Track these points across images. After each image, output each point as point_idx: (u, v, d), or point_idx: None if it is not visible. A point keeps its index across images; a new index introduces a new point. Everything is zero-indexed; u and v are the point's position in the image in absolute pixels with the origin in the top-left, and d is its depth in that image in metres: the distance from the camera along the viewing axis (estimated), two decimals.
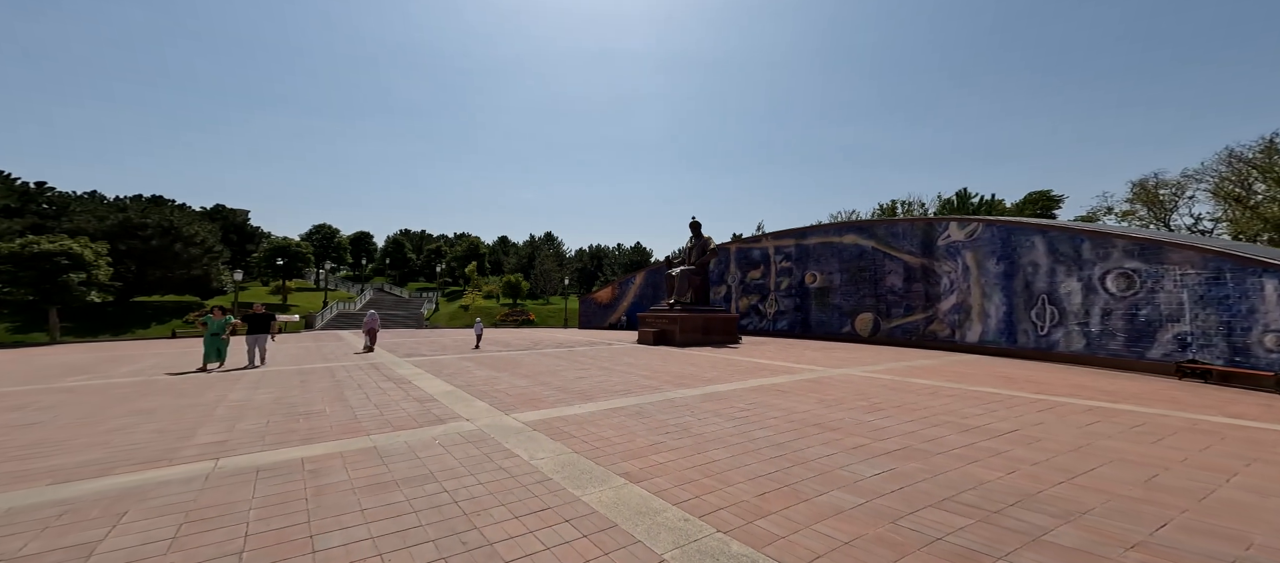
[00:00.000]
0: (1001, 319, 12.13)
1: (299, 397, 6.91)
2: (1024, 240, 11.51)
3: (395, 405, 6.34)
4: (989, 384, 7.75)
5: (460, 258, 66.22)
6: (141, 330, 26.29)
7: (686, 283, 17.04)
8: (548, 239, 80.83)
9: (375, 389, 7.53)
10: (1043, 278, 11.05)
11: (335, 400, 6.63)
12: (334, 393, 7.20)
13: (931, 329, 14.65)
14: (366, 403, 6.49)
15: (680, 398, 6.70)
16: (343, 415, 5.76)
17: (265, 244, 42.57)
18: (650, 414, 5.75)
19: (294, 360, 11.51)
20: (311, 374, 9.13)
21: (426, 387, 7.74)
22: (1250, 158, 32.95)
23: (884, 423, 5.16)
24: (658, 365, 10.25)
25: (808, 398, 6.57)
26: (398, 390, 7.44)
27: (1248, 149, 32.70)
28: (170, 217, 33.47)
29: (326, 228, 64.49)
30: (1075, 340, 10.25)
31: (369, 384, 7.99)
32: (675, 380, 8.21)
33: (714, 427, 5.10)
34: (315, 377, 8.83)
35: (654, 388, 7.53)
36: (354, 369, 9.80)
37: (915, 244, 15.41)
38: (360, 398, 6.83)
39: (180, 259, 31.93)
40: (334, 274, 70.22)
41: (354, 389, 7.51)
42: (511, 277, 49.64)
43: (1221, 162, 35.07)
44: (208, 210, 52.39)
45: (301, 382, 8.20)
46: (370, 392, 7.32)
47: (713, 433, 4.86)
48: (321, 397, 6.91)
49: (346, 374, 9.12)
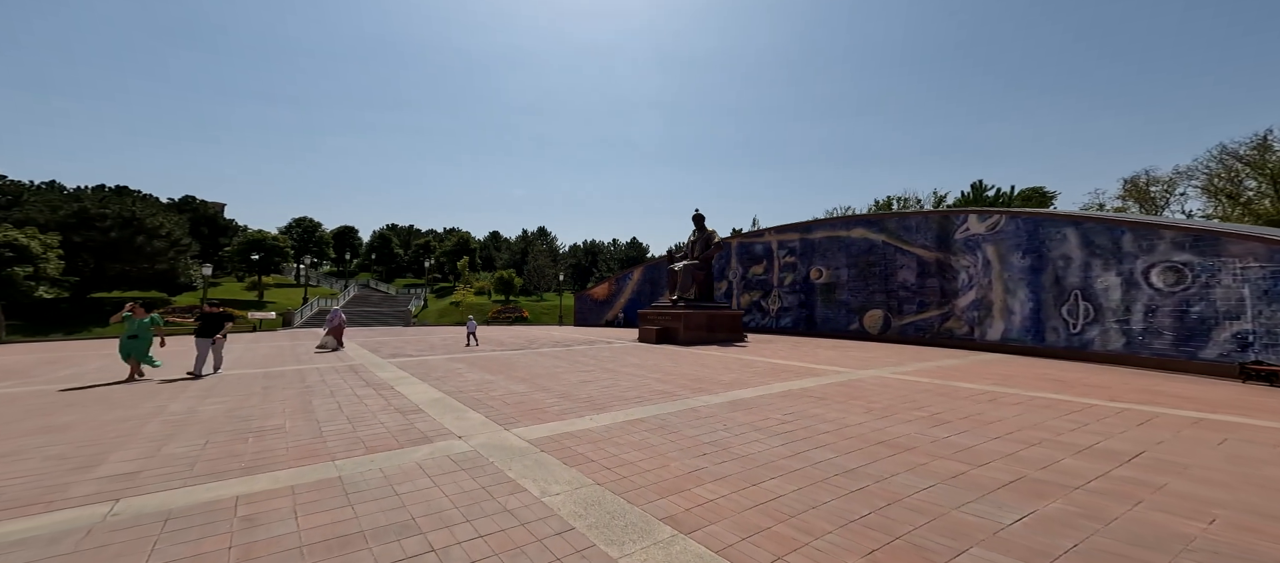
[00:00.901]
0: (1027, 316, 11.49)
1: (256, 407, 5.87)
2: (1054, 233, 10.87)
3: (371, 418, 5.35)
4: (1043, 388, 7.01)
5: (450, 253, 64.49)
6: (99, 329, 24.61)
7: (690, 278, 16.18)
8: (541, 234, 79.26)
9: (350, 397, 6.51)
10: (1076, 272, 10.42)
11: (299, 413, 5.61)
12: (299, 402, 6.17)
13: (947, 327, 14.01)
14: (337, 415, 5.48)
15: (704, 407, 5.82)
16: (305, 432, 4.76)
17: (239, 238, 40.43)
18: (676, 428, 4.86)
19: (262, 362, 10.37)
20: (278, 379, 8.05)
21: (411, 393, 6.75)
22: (1242, 155, 33.17)
23: (964, 441, 4.33)
24: (667, 367, 9.38)
25: (851, 407, 5.73)
26: (377, 399, 6.43)
27: (1240, 145, 32.92)
28: (132, 207, 31.28)
29: (307, 221, 62.17)
30: (1113, 339, 9.63)
31: (343, 391, 6.96)
32: (691, 385, 7.33)
33: (759, 446, 4.23)
34: (282, 382, 7.76)
35: (670, 394, 6.65)
36: (329, 373, 8.73)
37: (929, 238, 14.74)
38: (330, 409, 5.81)
39: (143, 253, 29.89)
40: (316, 270, 67.94)
41: (324, 397, 6.48)
42: (504, 273, 48.30)
43: (1213, 159, 35.30)
44: (176, 202, 49.87)
45: (264, 389, 7.12)
46: (344, 400, 6.30)
47: (761, 455, 3.99)
48: (283, 407, 5.88)
49: (319, 379, 8.06)
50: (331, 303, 39.97)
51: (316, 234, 61.86)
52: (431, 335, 18.41)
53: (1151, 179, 38.97)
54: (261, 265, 41.28)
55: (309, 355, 11.72)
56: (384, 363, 10.00)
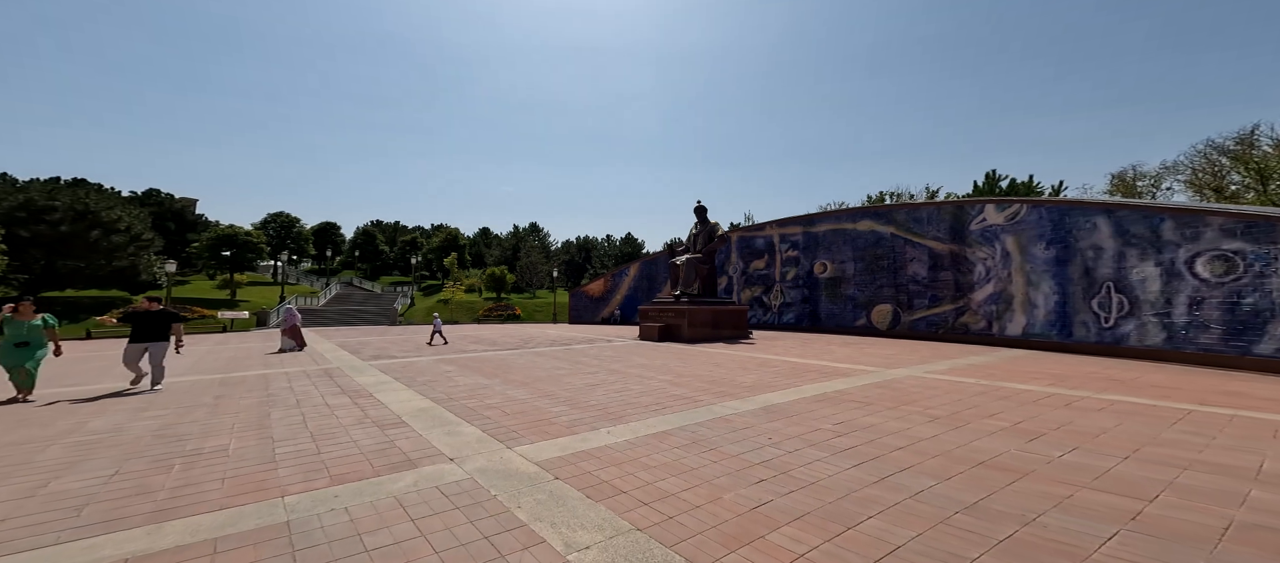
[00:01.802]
0: (1053, 310, 10.94)
1: (198, 423, 4.88)
2: (1083, 222, 10.31)
3: (342, 435, 4.42)
4: (1108, 389, 6.35)
5: (438, 250, 62.74)
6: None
7: (693, 273, 15.39)
8: (533, 230, 77.74)
9: (318, 408, 5.54)
10: (1108, 263, 9.87)
11: (251, 428, 4.64)
12: (255, 415, 5.19)
13: (963, 321, 13.45)
14: (299, 431, 4.54)
15: (735, 415, 5.01)
16: (253, 455, 3.82)
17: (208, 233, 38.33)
18: (713, 443, 4.04)
19: (224, 366, 9.28)
20: (236, 386, 7.01)
21: (392, 402, 5.81)
22: (1227, 149, 33.55)
23: (1088, 461, 3.53)
24: (677, 367, 8.56)
25: (907, 415, 4.97)
26: (351, 409, 5.48)
27: (1227, 140, 33.32)
28: (86, 200, 29.14)
29: (284, 217, 59.75)
30: (1152, 333, 9.10)
31: (312, 400, 5.99)
32: (711, 388, 6.52)
33: (826, 468, 3.42)
34: (240, 389, 6.73)
35: (690, 399, 5.83)
36: (298, 378, 7.71)
37: (942, 229, 14.16)
38: (292, 423, 4.86)
39: (99, 248, 27.86)
40: (295, 267, 65.61)
41: (287, 408, 5.50)
42: (495, 269, 47.00)
43: (1198, 154, 35.70)
44: (139, 195, 47.31)
45: (216, 398, 6.10)
46: (311, 411, 5.34)
47: (835, 481, 3.18)
48: (234, 422, 4.90)
49: (285, 385, 7.05)
50: (312, 301, 38.30)
51: (294, 230, 59.58)
52: (419, 335, 17.32)
53: (1139, 174, 39.41)
54: (234, 263, 39.27)
55: (280, 357, 10.63)
56: (364, 366, 8.99)
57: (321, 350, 11.87)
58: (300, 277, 59.76)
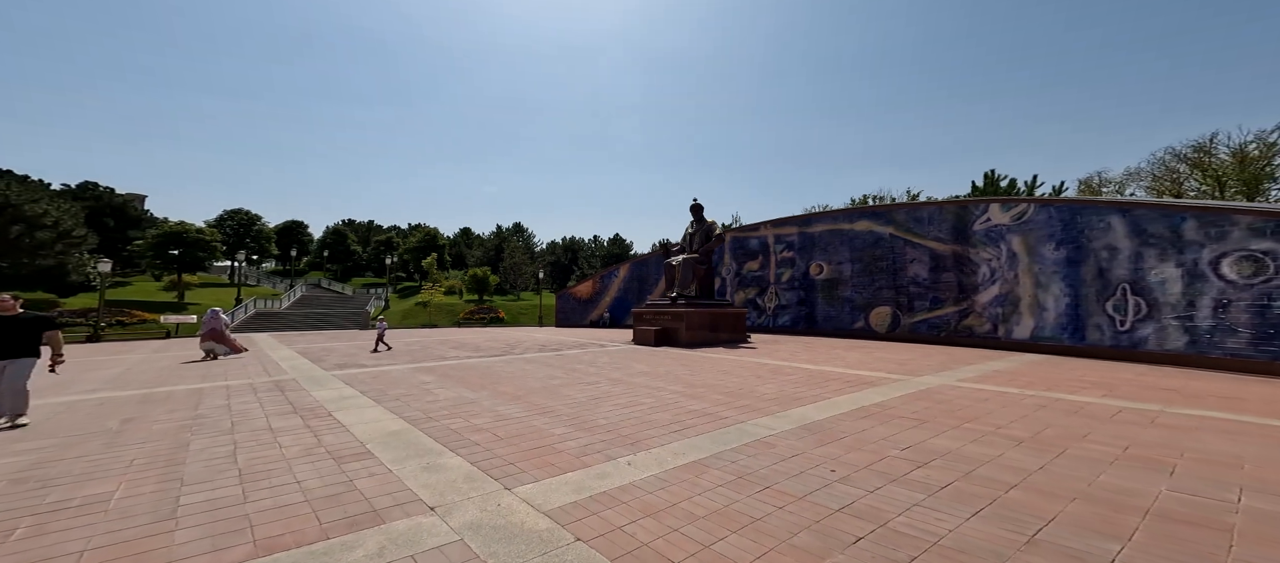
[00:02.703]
0: (1064, 312, 10.64)
1: (85, 460, 3.75)
2: (1096, 221, 10.04)
3: (281, 474, 3.40)
4: (1170, 400, 5.85)
5: (415, 250, 60.25)
6: None
7: (690, 274, 14.64)
8: (517, 230, 75.63)
9: (258, 434, 4.47)
10: (1124, 264, 9.59)
11: (155, 467, 3.56)
12: (168, 445, 4.09)
13: (966, 324, 13.11)
14: (223, 470, 3.49)
15: (774, 436, 4.23)
16: (144, 509, 2.78)
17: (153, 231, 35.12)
18: (766, 479, 3.23)
19: (153, 379, 7.95)
20: (158, 405, 5.81)
21: (356, 423, 4.77)
22: (1185, 156, 35.07)
23: (1270, 505, 2.88)
24: (684, 374, 7.75)
25: (984, 434, 4.28)
26: (302, 434, 4.43)
27: (1186, 147, 34.85)
28: (5, 191, 26.06)
29: (243, 214, 56.09)
30: (1173, 337, 8.81)
31: (251, 422, 4.89)
32: (732, 401, 5.73)
33: (939, 519, 2.64)
34: (161, 410, 5.54)
35: (714, 415, 5.02)
36: (241, 393, 6.53)
37: (944, 230, 13.84)
38: (216, 457, 3.79)
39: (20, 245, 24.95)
40: (256, 268, 61.86)
41: (215, 435, 4.41)
42: (477, 270, 45.23)
43: (1158, 161, 37.28)
44: (73, 189, 43.48)
45: (124, 423, 4.91)
46: (246, 438, 4.27)
47: (967, 541, 2.40)
48: (134, 457, 3.79)
49: (222, 403, 5.88)
50: (274, 303, 35.84)
51: (255, 228, 56.05)
52: (393, 340, 15.98)
53: (1104, 180, 41.01)
54: (183, 262, 36.22)
55: (222, 368, 9.30)
56: (325, 377, 7.82)
57: (277, 358, 10.54)
58: (262, 278, 56.19)
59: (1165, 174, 36.32)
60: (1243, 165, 32.58)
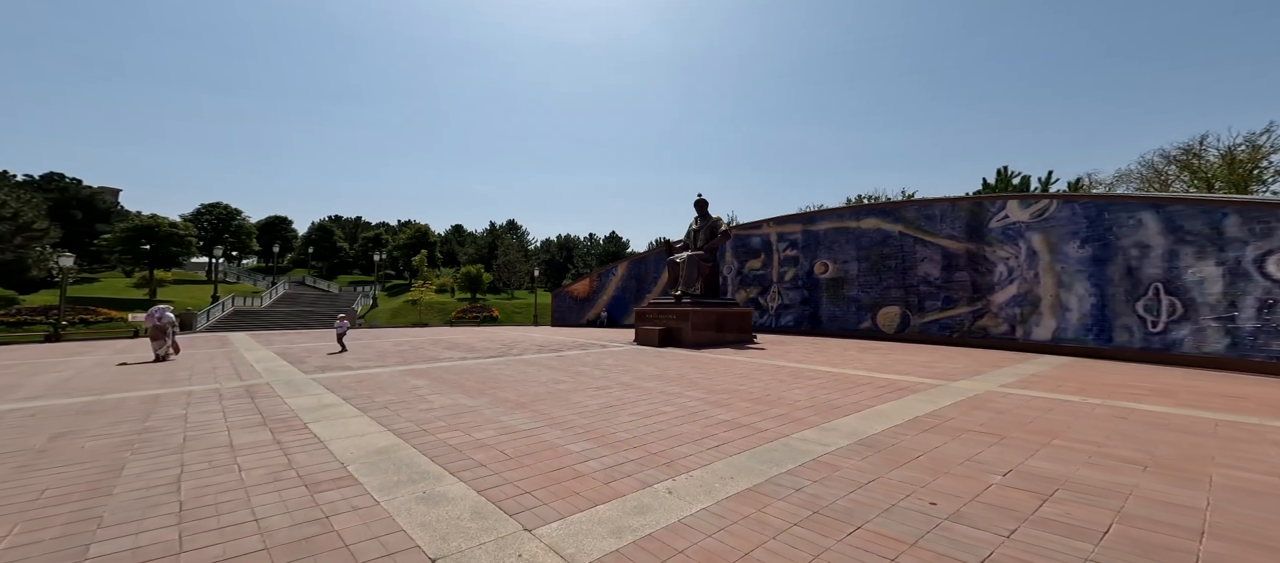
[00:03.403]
0: (1089, 313, 10.24)
1: None
2: (1126, 218, 9.65)
3: (235, 509, 2.69)
4: (1239, 408, 5.37)
5: (405, 247, 58.79)
6: None
7: (695, 271, 14.03)
8: (511, 228, 74.27)
9: (214, 452, 3.72)
10: (1157, 262, 9.20)
11: (71, 499, 2.82)
12: (98, 469, 3.33)
13: (981, 325, 12.70)
14: (159, 502, 2.76)
15: (831, 455, 3.63)
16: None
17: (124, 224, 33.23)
18: (850, 515, 2.60)
19: (107, 384, 7.08)
20: (103, 415, 5.00)
21: (336, 438, 4.05)
22: (1174, 157, 35.33)
23: None
24: (698, 378, 7.13)
25: (1094, 456, 3.71)
26: (269, 453, 3.70)
27: (1175, 149, 35.15)
28: None
29: (222, 208, 53.99)
30: (1212, 339, 8.43)
31: (210, 437, 4.13)
32: (764, 410, 5.12)
33: None
34: (105, 420, 4.74)
35: (750, 427, 4.42)
36: (204, 400, 5.73)
37: (958, 227, 13.43)
38: (154, 484, 3.06)
39: None
40: (236, 264, 59.79)
41: (159, 455, 3.65)
42: (470, 268, 44.10)
43: (1146, 163, 37.58)
44: (36, 180, 41.34)
45: (53, 439, 4.11)
46: (198, 459, 3.53)
47: None
48: (50, 484, 3.04)
49: (180, 412, 5.09)
50: (254, 301, 34.44)
51: (235, 223, 54.03)
52: (381, 340, 15.10)
53: (1094, 182, 41.38)
54: (156, 258, 34.38)
55: (187, 371, 8.44)
56: (304, 381, 7.03)
57: (252, 360, 9.68)
58: (243, 275, 54.16)
59: (1154, 177, 36.67)
60: (1231, 167, 32.95)
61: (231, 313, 28.13)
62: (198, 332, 21.98)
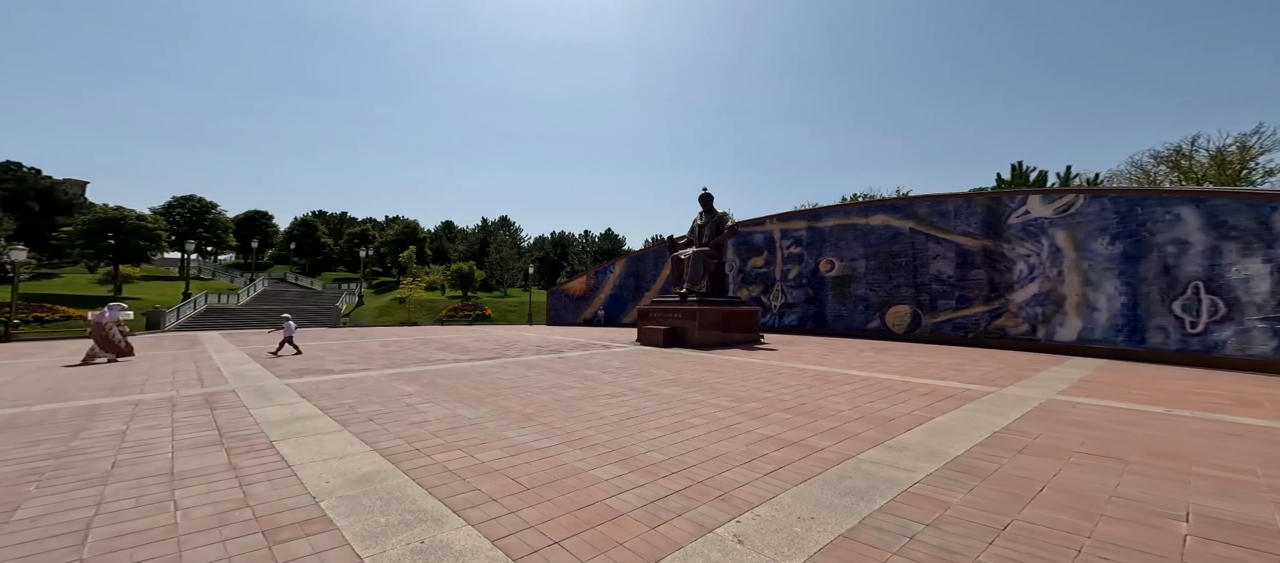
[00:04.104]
0: (1119, 312, 9.81)
1: None
2: (1162, 213, 9.22)
3: None
4: None
5: (393, 243, 57.10)
6: None
7: (701, 268, 13.37)
8: (504, 224, 72.58)
9: (147, 483, 2.93)
10: (1196, 259, 8.79)
11: None
12: None
13: (998, 325, 12.25)
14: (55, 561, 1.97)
15: (929, 485, 3.00)
16: None
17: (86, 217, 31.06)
18: None
19: (44, 391, 6.16)
20: (23, 432, 4.14)
21: (307, 462, 3.27)
22: (1164, 156, 35.40)
23: None
24: (719, 383, 6.47)
25: (1238, 486, 3.10)
26: (220, 483, 2.91)
27: (1166, 149, 35.27)
28: None
29: (196, 201, 51.52)
30: (1259, 341, 8.02)
31: (147, 461, 3.32)
32: (808, 422, 4.48)
33: None
34: (24, 438, 3.89)
35: (804, 446, 3.77)
36: (153, 411, 4.88)
37: (974, 224, 12.97)
38: (51, 532, 2.26)
39: None
40: (211, 260, 57.47)
41: (75, 486, 2.85)
42: (462, 265, 42.82)
43: (1135, 164, 37.76)
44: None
45: None
46: (124, 493, 2.74)
47: None
48: None
49: (119, 427, 4.25)
50: (230, 299, 32.91)
51: (209, 217, 51.74)
52: (367, 340, 14.16)
53: (1087, 181, 41.63)
54: (121, 252, 32.43)
55: (144, 375, 7.52)
56: (277, 387, 6.19)
57: (220, 362, 8.76)
58: (219, 271, 51.97)
59: (1143, 178, 36.90)
60: (1221, 168, 33.22)
61: (205, 311, 26.68)
62: (167, 331, 20.69)
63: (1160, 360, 8.99)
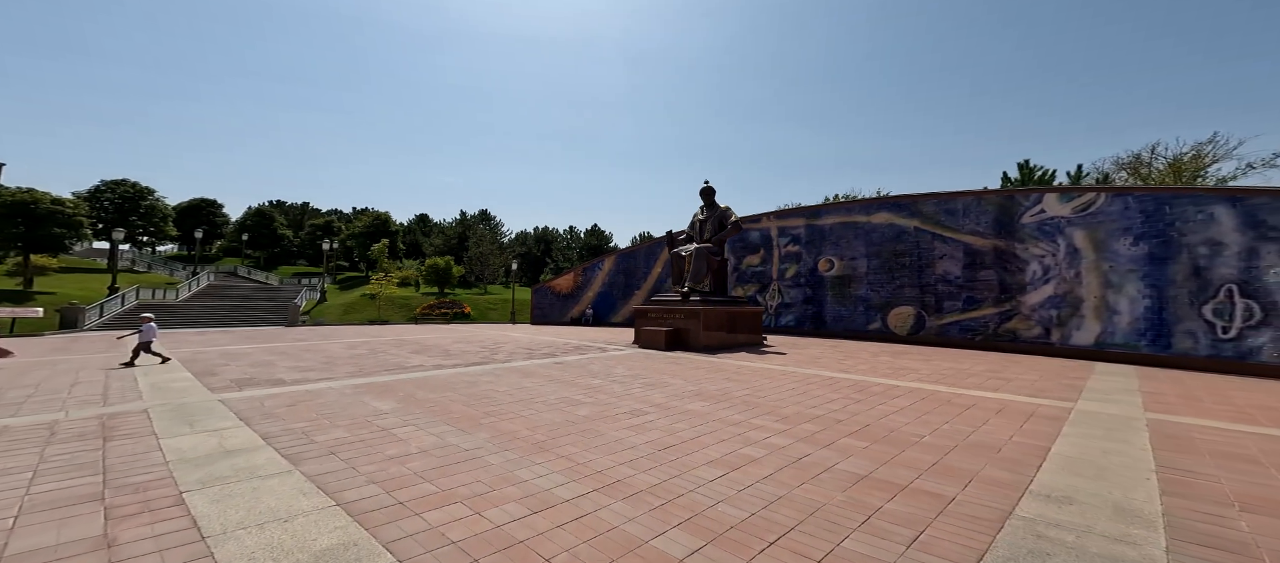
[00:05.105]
0: (1144, 316, 9.48)
1: None
2: (1194, 212, 8.91)
3: None
4: None
5: (362, 236, 53.75)
6: None
7: (704, 266, 12.48)
8: (483, 218, 69.48)
9: None
10: (1230, 261, 8.49)
11: None
12: None
13: (1009, 328, 11.88)
14: None
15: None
16: None
17: None
18: None
19: None
20: None
21: (230, 533, 2.10)
22: (1124, 162, 36.44)
23: None
24: (748, 396, 5.58)
25: None
26: None
27: (1125, 157, 36.32)
28: None
29: (129, 186, 46.52)
30: None
31: None
32: (897, 454, 3.64)
33: None
34: None
35: (925, 492, 2.92)
36: (16, 445, 3.53)
37: (984, 222, 12.58)
38: None
39: None
40: (149, 252, 52.52)
41: None
42: (439, 260, 40.44)
43: (1096, 170, 39.03)
44: None
45: None
46: None
47: None
48: None
49: None
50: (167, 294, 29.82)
51: (144, 204, 46.97)
52: (330, 342, 12.57)
53: None
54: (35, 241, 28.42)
55: (28, 390, 5.99)
56: (207, 404, 4.86)
57: (139, 369, 7.23)
58: (158, 264, 47.30)
59: (1100, 182, 38.14)
60: (1176, 176, 34.68)
61: (136, 307, 23.79)
62: (86, 330, 18.21)
63: (1188, 367, 8.70)
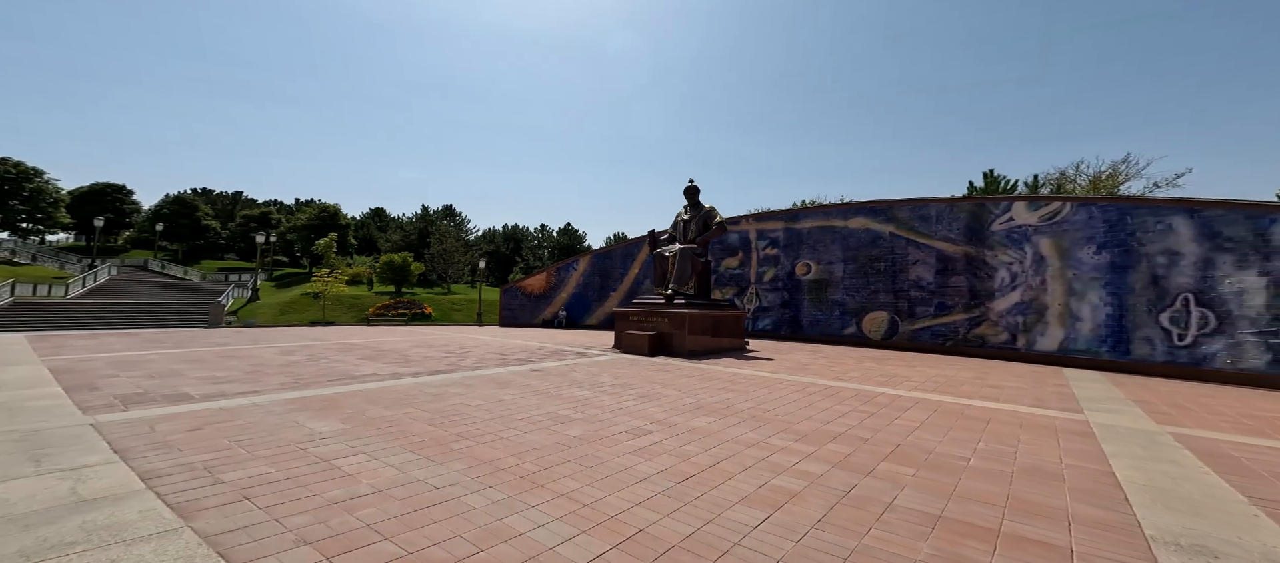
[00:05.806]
0: (1104, 323, 9.91)
1: None
2: (1154, 223, 9.38)
3: None
4: None
5: (305, 230, 48.99)
6: None
7: (689, 267, 11.97)
8: (448, 213, 65.22)
9: None
10: (1187, 271, 8.98)
11: None
12: None
13: (978, 333, 12.21)
14: None
15: None
16: None
17: None
18: None
19: None
20: None
21: None
22: (1049, 179, 39.62)
23: None
24: (754, 410, 5.09)
25: None
26: None
27: (1051, 175, 39.52)
28: None
29: (11, 165, 39.72)
30: (1251, 354, 8.23)
31: None
32: (945, 482, 3.22)
33: None
34: None
35: (1041, 546, 2.39)
36: None
37: (955, 229, 12.92)
38: None
39: None
40: (32, 241, 45.47)
41: None
42: (396, 257, 37.37)
43: (1026, 185, 42.24)
44: None
45: None
46: None
47: None
48: None
49: None
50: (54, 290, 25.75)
51: (30, 187, 40.70)
52: (260, 347, 10.85)
53: None
54: None
55: None
56: (76, 431, 3.65)
57: None
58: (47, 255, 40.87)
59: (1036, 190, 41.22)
60: (1095, 191, 38.14)
61: (10, 304, 20.13)
62: None
63: (1145, 372, 9.16)
